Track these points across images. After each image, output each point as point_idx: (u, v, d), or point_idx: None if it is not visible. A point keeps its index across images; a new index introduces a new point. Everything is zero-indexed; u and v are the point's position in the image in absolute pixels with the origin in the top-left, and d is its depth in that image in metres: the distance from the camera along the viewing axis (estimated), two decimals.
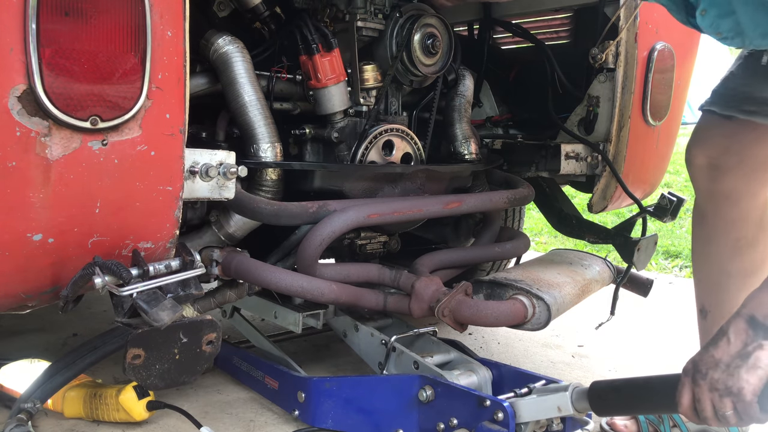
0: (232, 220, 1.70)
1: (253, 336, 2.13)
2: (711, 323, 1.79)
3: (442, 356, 1.77)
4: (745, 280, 1.75)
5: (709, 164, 1.74)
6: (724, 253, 1.76)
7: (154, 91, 1.26)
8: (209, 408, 1.89)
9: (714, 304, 1.79)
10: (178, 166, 1.33)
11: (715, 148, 1.72)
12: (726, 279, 1.76)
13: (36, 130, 1.15)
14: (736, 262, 1.75)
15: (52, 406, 1.76)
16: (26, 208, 1.18)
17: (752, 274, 1.75)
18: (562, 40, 2.51)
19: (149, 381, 1.28)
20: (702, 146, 1.75)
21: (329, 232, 1.66)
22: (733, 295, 1.75)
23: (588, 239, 2.32)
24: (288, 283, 1.64)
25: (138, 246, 1.33)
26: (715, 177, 1.73)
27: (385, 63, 1.96)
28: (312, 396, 1.73)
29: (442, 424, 1.51)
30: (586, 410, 1.36)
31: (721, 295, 1.78)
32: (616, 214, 5.21)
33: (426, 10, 2.00)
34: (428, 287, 1.75)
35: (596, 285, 2.04)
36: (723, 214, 1.74)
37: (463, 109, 2.19)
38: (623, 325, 2.59)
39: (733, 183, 1.71)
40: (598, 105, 2.09)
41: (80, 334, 2.46)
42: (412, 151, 1.99)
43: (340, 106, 1.86)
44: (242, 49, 1.67)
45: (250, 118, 1.67)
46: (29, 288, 1.28)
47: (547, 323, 1.72)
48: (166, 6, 1.25)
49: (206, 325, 1.31)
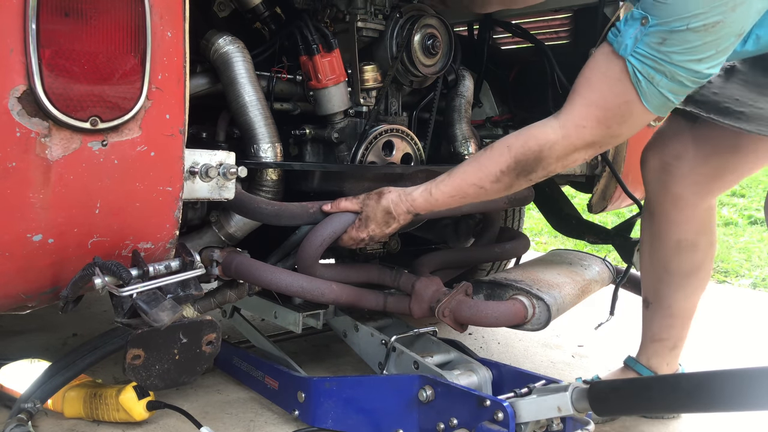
0: (233, 220, 1.70)
1: (253, 336, 2.13)
2: (651, 313, 1.91)
3: (442, 356, 1.77)
4: (682, 278, 1.84)
5: (661, 168, 1.80)
6: (666, 252, 1.84)
7: (154, 91, 1.26)
8: (209, 408, 1.89)
9: (654, 297, 1.90)
10: (178, 167, 1.33)
11: (670, 153, 1.78)
12: (666, 275, 1.85)
13: (36, 130, 1.15)
14: (675, 262, 1.83)
15: (52, 406, 1.76)
16: (26, 209, 1.18)
17: (689, 274, 1.84)
18: (562, 40, 2.51)
19: (149, 381, 1.28)
20: (657, 149, 1.82)
21: (330, 232, 1.66)
22: (671, 290, 1.86)
23: (588, 239, 2.32)
24: (288, 283, 1.64)
25: (138, 246, 1.33)
26: (665, 181, 1.79)
27: (385, 63, 1.96)
28: (312, 396, 1.73)
29: (442, 424, 1.51)
30: (586, 410, 1.35)
31: (660, 289, 1.88)
32: (616, 214, 5.21)
33: (426, 11, 2.00)
34: (428, 287, 1.75)
35: (596, 285, 2.04)
36: (668, 215, 1.81)
37: (463, 109, 2.19)
38: (623, 325, 2.58)
39: (681, 189, 1.78)
40: None
41: (80, 334, 2.46)
42: (412, 151, 1.99)
43: (340, 107, 1.86)
44: (243, 49, 1.67)
45: (251, 119, 1.67)
46: (29, 288, 1.28)
47: (547, 324, 1.73)
48: (165, 6, 1.25)
49: (206, 325, 1.31)
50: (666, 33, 1.29)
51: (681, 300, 1.85)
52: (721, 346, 2.62)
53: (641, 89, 1.34)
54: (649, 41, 1.31)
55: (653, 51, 1.31)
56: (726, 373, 1.16)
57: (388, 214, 1.62)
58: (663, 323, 1.87)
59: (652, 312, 1.90)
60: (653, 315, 1.89)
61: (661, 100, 1.36)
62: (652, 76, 1.32)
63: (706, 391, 1.16)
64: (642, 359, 1.90)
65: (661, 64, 1.31)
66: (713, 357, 2.46)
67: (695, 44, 1.28)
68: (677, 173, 1.77)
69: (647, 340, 1.91)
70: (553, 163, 1.46)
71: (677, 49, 1.29)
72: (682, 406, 1.30)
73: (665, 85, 1.33)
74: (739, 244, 4.77)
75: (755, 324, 3.01)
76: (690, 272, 1.83)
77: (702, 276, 1.85)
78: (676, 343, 1.89)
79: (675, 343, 1.88)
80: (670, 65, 1.31)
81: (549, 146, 1.44)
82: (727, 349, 2.61)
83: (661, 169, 1.80)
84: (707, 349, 2.49)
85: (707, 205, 1.81)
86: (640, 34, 1.32)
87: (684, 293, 1.85)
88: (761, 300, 3.56)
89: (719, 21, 1.26)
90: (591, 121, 1.40)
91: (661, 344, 1.88)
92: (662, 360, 1.88)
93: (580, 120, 1.42)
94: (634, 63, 1.33)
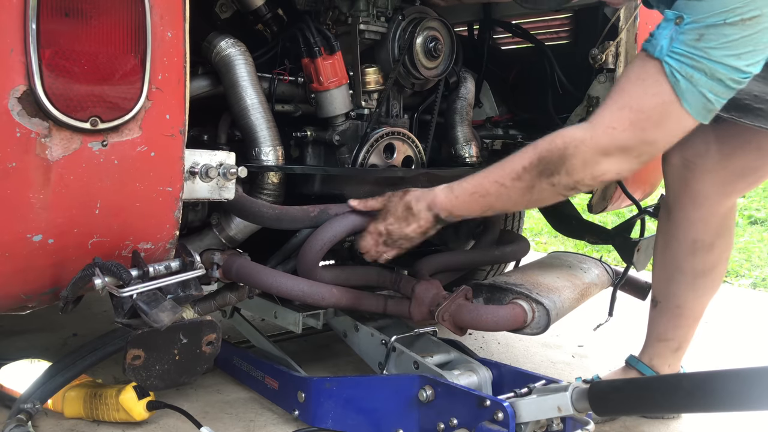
0: (233, 222, 1.70)
1: (253, 336, 2.13)
2: (659, 313, 1.89)
3: (442, 356, 1.77)
4: (695, 279, 1.82)
5: (683, 164, 1.77)
6: (680, 251, 1.81)
7: (154, 91, 1.26)
8: (209, 408, 1.89)
9: (664, 296, 1.87)
10: (178, 167, 1.33)
11: (693, 149, 1.74)
12: (679, 275, 1.83)
13: (36, 131, 1.15)
14: (689, 261, 1.81)
15: (52, 406, 1.76)
16: (26, 209, 1.18)
17: (702, 275, 1.82)
18: (562, 41, 2.51)
19: (149, 382, 1.28)
20: (679, 146, 1.73)
21: (330, 236, 1.66)
22: (682, 290, 1.83)
23: (588, 240, 2.32)
24: (289, 287, 1.64)
25: (138, 247, 1.34)
26: (687, 178, 1.76)
27: (387, 66, 1.96)
28: (312, 396, 1.73)
29: (442, 424, 1.51)
30: (586, 410, 1.35)
31: (671, 289, 1.85)
32: (617, 215, 5.20)
33: (428, 13, 2.00)
34: (428, 291, 1.75)
35: (595, 288, 2.04)
36: (686, 214, 1.79)
37: (465, 111, 2.19)
38: (623, 325, 2.58)
39: (702, 187, 1.75)
40: (597, 105, 2.09)
41: (80, 335, 2.46)
42: (413, 154, 1.99)
43: (341, 109, 1.86)
44: (244, 51, 1.67)
45: (252, 122, 1.67)
46: (29, 289, 1.28)
47: (547, 328, 1.73)
48: (166, 7, 1.25)
49: (206, 325, 1.31)
50: (702, 29, 1.25)
51: (691, 300, 1.83)
52: (721, 346, 2.62)
53: (680, 89, 1.29)
54: (685, 39, 1.27)
55: (690, 48, 1.27)
56: (726, 373, 1.16)
57: (408, 209, 1.60)
58: (670, 323, 1.86)
59: (659, 311, 1.88)
60: (661, 314, 1.87)
61: (701, 101, 1.30)
62: (690, 75, 1.28)
63: (706, 391, 1.17)
64: (644, 358, 1.89)
65: (699, 61, 1.27)
66: (713, 357, 2.46)
67: (733, 38, 1.25)
68: (699, 171, 1.73)
69: (652, 339, 1.90)
70: (579, 169, 1.37)
71: (715, 44, 1.25)
72: (682, 406, 1.30)
73: (705, 83, 1.28)
74: (739, 244, 4.76)
75: (755, 324, 3.01)
76: (703, 273, 1.80)
77: (715, 278, 1.82)
78: (681, 344, 1.88)
79: (679, 344, 1.87)
80: (709, 62, 1.27)
81: (575, 145, 1.37)
82: (727, 349, 2.61)
83: (682, 167, 1.76)
84: (707, 349, 2.49)
85: (728, 206, 1.78)
86: (675, 33, 1.28)
87: (695, 294, 1.82)
88: (761, 300, 3.56)
89: (758, 15, 1.23)
90: (623, 122, 1.33)
91: (665, 344, 1.87)
92: (665, 361, 1.87)
93: (610, 122, 1.35)
94: (671, 63, 1.29)
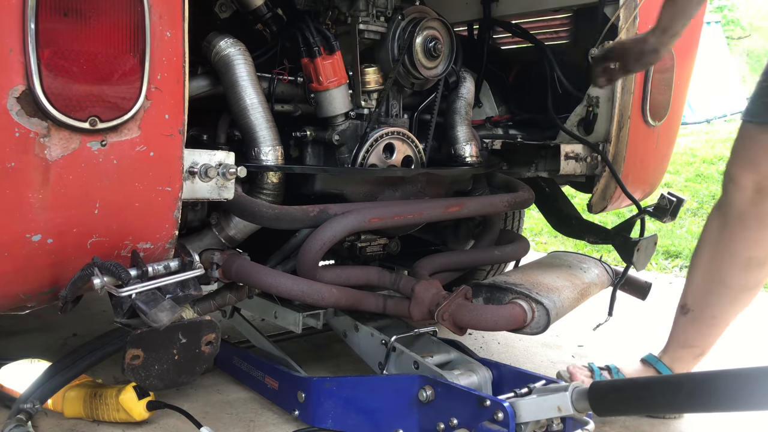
0: (233, 222, 1.70)
1: (253, 336, 2.13)
2: (690, 321, 1.87)
3: (442, 356, 1.77)
4: (740, 293, 1.81)
5: (755, 188, 1.70)
6: (732, 266, 1.78)
7: (153, 91, 1.26)
8: (209, 408, 1.89)
9: (698, 306, 1.85)
10: (177, 167, 1.33)
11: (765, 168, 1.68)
12: (722, 288, 1.80)
13: (35, 130, 1.15)
14: (740, 277, 1.78)
15: (52, 406, 1.76)
16: (25, 209, 1.18)
17: (748, 290, 1.81)
18: (562, 40, 2.51)
19: (148, 381, 1.28)
20: (751, 167, 1.70)
21: (330, 236, 1.66)
22: (724, 302, 1.82)
23: (588, 239, 2.32)
24: (289, 287, 1.64)
25: (137, 246, 1.33)
26: (757, 200, 1.71)
27: (386, 66, 1.96)
28: (312, 396, 1.73)
29: (442, 424, 1.51)
30: (586, 410, 1.35)
31: (710, 300, 1.83)
32: (617, 215, 5.20)
33: (428, 13, 2.00)
34: (428, 291, 1.75)
35: (595, 288, 2.04)
36: (749, 233, 1.74)
37: (464, 111, 2.19)
38: (623, 325, 2.58)
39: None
40: (597, 105, 2.09)
41: (80, 335, 2.46)
42: (412, 154, 1.99)
43: (341, 109, 1.86)
44: (244, 51, 1.67)
45: (252, 122, 1.67)
46: (28, 288, 1.28)
47: (546, 327, 1.73)
48: (165, 7, 1.25)
49: (205, 325, 1.31)
50: None
51: (727, 312, 1.82)
52: (721, 346, 2.61)
53: None
54: None
55: None
56: (726, 373, 1.15)
57: None
58: (700, 332, 1.85)
59: (691, 320, 1.85)
60: (692, 323, 1.85)
61: None
62: None
63: (707, 391, 1.16)
64: (665, 359, 1.89)
65: None
66: (713, 357, 2.46)
67: None
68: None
69: (676, 345, 1.88)
70: None
71: None
72: (682, 406, 1.30)
73: None
74: None
75: (755, 324, 3.00)
76: (749, 288, 1.79)
77: (756, 292, 1.81)
78: (704, 351, 1.88)
79: (702, 350, 1.87)
80: None
81: None
82: (728, 349, 2.61)
83: (755, 190, 1.70)
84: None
85: None
86: None
87: (733, 307, 1.81)
88: (761, 300, 3.55)
89: None
90: None
91: (690, 351, 1.87)
92: (685, 366, 1.87)
93: None
94: None
